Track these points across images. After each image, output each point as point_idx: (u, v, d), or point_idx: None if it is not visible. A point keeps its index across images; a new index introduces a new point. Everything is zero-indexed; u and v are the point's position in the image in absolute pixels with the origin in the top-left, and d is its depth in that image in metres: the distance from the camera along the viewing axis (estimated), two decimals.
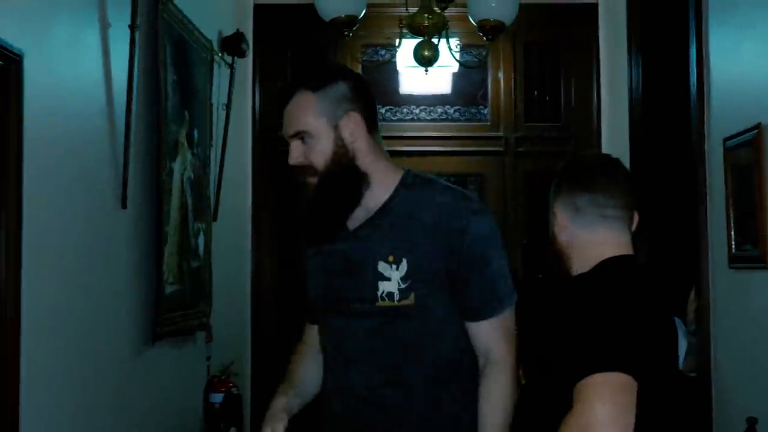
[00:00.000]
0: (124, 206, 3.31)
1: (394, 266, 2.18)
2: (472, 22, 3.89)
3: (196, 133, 4.15)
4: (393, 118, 5.66)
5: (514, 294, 2.29)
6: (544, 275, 5.16)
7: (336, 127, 2.24)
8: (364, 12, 3.78)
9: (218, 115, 4.68)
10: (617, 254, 2.06)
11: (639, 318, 1.94)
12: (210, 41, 4.41)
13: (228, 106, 4.77)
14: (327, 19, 3.73)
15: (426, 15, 3.84)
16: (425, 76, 4.55)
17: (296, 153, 2.26)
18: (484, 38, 3.90)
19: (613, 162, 2.18)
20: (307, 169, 2.25)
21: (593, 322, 1.91)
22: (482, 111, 5.67)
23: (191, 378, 4.24)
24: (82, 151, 3.01)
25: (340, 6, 3.67)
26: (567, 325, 1.97)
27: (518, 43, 5.58)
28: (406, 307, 2.18)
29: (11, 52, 2.40)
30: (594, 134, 5.53)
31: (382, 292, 2.19)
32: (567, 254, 2.11)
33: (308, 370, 2.47)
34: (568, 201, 2.08)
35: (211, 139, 4.51)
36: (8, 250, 2.39)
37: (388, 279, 2.18)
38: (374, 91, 5.53)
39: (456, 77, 5.50)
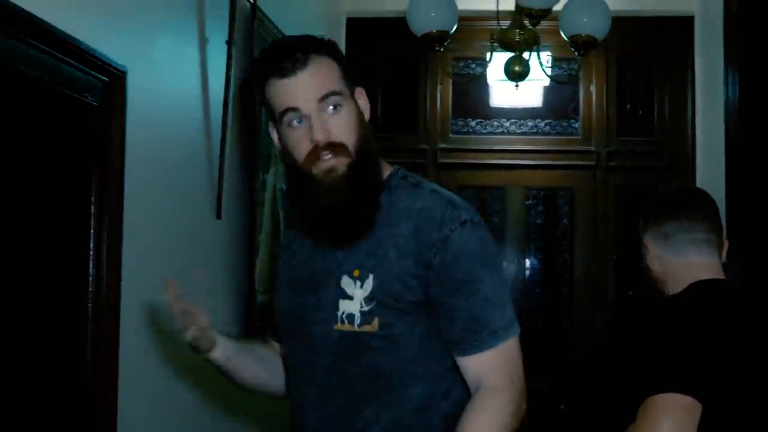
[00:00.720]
0: (218, 216, 3.40)
1: (358, 283, 1.79)
2: (564, 37, 3.87)
3: None
4: (483, 131, 5.67)
5: (515, 325, 1.87)
6: (635, 292, 5.09)
7: (356, 102, 1.91)
8: (455, 27, 3.80)
9: None
10: (709, 277, 2.09)
11: (713, 340, 1.96)
12: None
13: None
14: (418, 34, 3.76)
15: (517, 30, 3.84)
16: (513, 90, 4.55)
17: (327, 126, 1.78)
18: (576, 53, 3.87)
19: (697, 192, 2.29)
20: (338, 149, 1.78)
21: (665, 341, 1.95)
22: (573, 125, 5.63)
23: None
24: (180, 163, 3.10)
25: (432, 21, 3.70)
26: (642, 342, 2.01)
27: (611, 56, 5.52)
28: (367, 334, 1.77)
29: (115, 68, 2.49)
30: (688, 149, 5.44)
31: (342, 313, 1.79)
32: (662, 280, 2.17)
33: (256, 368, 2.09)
34: (658, 231, 2.14)
35: None
36: (109, 258, 2.48)
37: (350, 298, 1.79)
38: (465, 104, 5.64)
39: (547, 90, 5.48)
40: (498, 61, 4.40)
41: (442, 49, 3.81)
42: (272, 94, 1.83)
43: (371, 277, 1.77)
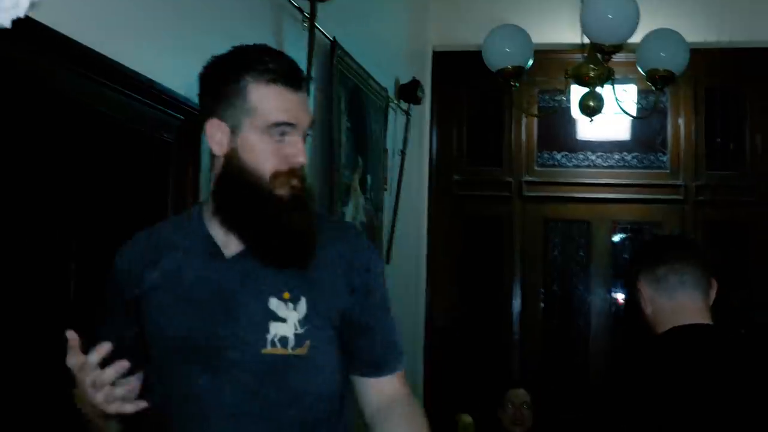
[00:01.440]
0: None
1: (290, 305, 1.73)
2: (641, 71, 3.85)
3: (369, 178, 4.30)
4: (569, 164, 5.64)
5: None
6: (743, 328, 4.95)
7: None
8: (531, 62, 3.82)
9: (394, 161, 4.83)
10: (692, 322, 2.18)
11: (670, 387, 2.07)
12: (385, 89, 4.56)
13: (403, 152, 4.92)
14: (494, 70, 3.79)
15: (590, 66, 3.84)
16: (600, 122, 4.53)
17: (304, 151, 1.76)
18: (653, 88, 3.85)
19: (685, 237, 2.65)
20: (302, 174, 1.77)
21: (629, 386, 2.14)
22: (661, 158, 5.55)
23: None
24: None
25: (507, 58, 3.73)
26: (613, 386, 2.27)
27: (699, 87, 5.44)
28: (297, 357, 1.72)
29: (191, 107, 2.60)
30: None
31: (274, 336, 1.71)
32: (653, 323, 2.26)
33: None
34: (650, 274, 2.26)
35: (385, 183, 4.66)
36: None
37: (283, 320, 1.72)
38: (550, 136, 5.63)
39: (634, 123, 5.43)
40: (578, 94, 4.39)
41: (517, 85, 3.84)
42: (268, 100, 1.71)
43: (303, 299, 1.74)
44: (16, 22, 1.44)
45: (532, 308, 5.57)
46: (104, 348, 1.59)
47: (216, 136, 1.72)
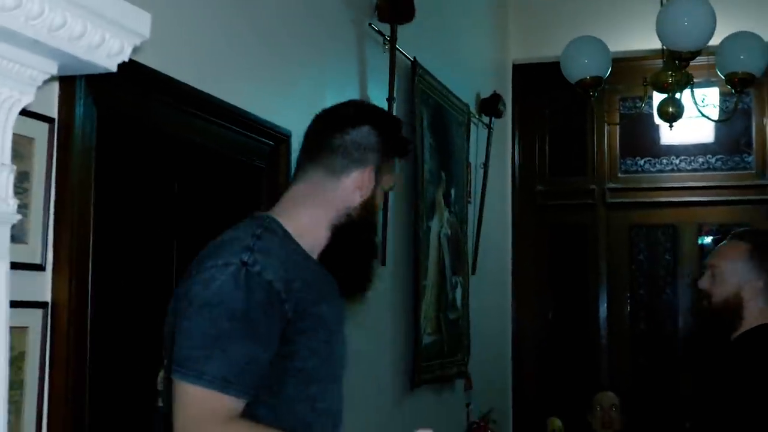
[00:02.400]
0: (383, 263, 3.62)
1: None
2: (720, 75, 3.88)
3: (453, 192, 4.42)
4: (652, 169, 5.66)
5: None
6: None
7: None
8: (609, 71, 3.89)
9: (476, 174, 4.94)
10: None
11: None
12: (466, 104, 4.68)
13: (486, 165, 5.02)
14: (572, 81, 3.87)
15: (669, 72, 3.88)
16: (682, 126, 4.55)
17: None
18: (733, 91, 3.87)
19: None
20: None
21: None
22: (746, 159, 5.53)
23: (451, 423, 4.46)
24: None
25: (585, 69, 3.80)
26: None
27: None
28: None
29: (280, 133, 2.77)
30: None
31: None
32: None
33: None
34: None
35: (469, 196, 4.77)
36: None
37: None
38: (633, 142, 5.65)
39: (718, 125, 5.41)
40: (659, 100, 4.42)
41: (596, 95, 3.91)
42: (392, 169, 1.98)
43: None
44: (121, 66, 1.60)
45: (619, 313, 5.60)
46: None
47: (367, 182, 1.89)
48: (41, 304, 1.83)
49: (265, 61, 2.81)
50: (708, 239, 5.60)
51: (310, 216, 1.85)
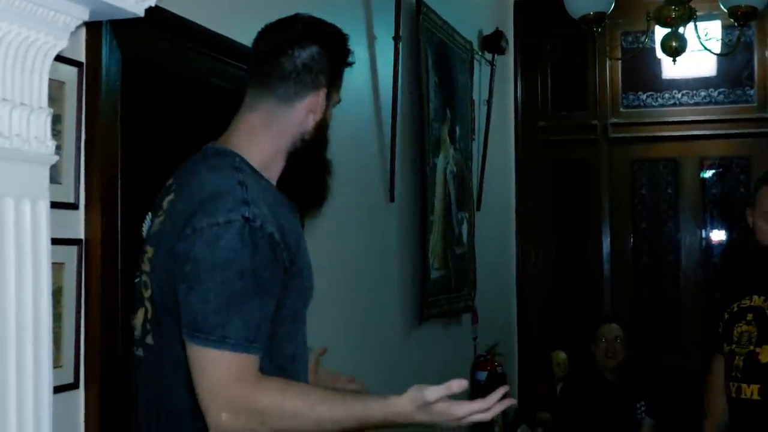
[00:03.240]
0: (392, 199, 3.69)
1: None
2: (723, 8, 3.91)
3: (458, 129, 4.48)
4: (654, 103, 5.70)
5: None
6: None
7: None
8: (612, 7, 3.91)
9: (480, 111, 4.99)
10: None
11: None
12: (470, 42, 4.71)
13: (489, 102, 5.06)
14: (576, 17, 3.89)
15: (672, 7, 3.91)
16: (684, 60, 4.59)
17: None
18: (735, 24, 3.90)
19: None
20: None
21: None
22: (748, 92, 5.56)
23: (458, 356, 4.58)
24: (354, 153, 3.41)
25: (588, 4, 3.83)
26: None
27: None
28: None
29: None
30: None
31: None
32: None
33: None
34: None
35: (473, 133, 4.83)
36: None
37: None
38: (635, 77, 5.68)
39: (720, 59, 5.44)
40: (662, 34, 4.45)
41: (599, 30, 3.93)
42: (340, 79, 1.93)
43: None
44: (146, 10, 1.65)
45: (622, 247, 5.69)
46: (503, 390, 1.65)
47: (318, 101, 1.85)
48: (76, 241, 1.90)
49: (283, 4, 2.85)
50: (709, 173, 5.67)
51: (269, 147, 1.81)
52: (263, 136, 1.81)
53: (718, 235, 5.64)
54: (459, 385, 1.59)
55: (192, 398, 1.64)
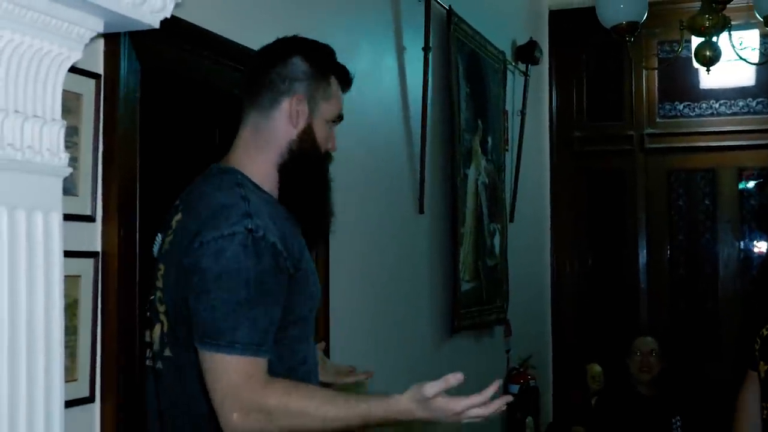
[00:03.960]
0: (421, 211, 3.67)
1: None
2: (758, 17, 3.84)
3: (490, 139, 4.45)
4: (691, 113, 5.62)
5: None
6: None
7: None
8: (645, 16, 3.86)
9: (513, 121, 4.95)
10: None
11: None
12: (502, 52, 4.68)
13: (523, 112, 5.03)
14: (608, 26, 3.84)
15: (706, 15, 3.84)
16: (722, 70, 4.52)
17: None
18: None
19: None
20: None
21: None
22: None
23: (491, 369, 4.52)
24: (383, 163, 3.40)
25: (621, 14, 3.77)
26: None
27: None
28: None
29: None
30: None
31: None
32: None
33: None
34: None
35: (506, 144, 4.79)
36: (318, 254, 2.80)
37: None
38: (672, 87, 5.60)
39: (758, 68, 5.34)
40: (697, 44, 4.38)
41: (632, 40, 3.88)
42: (337, 97, 1.93)
43: None
44: (163, 22, 1.64)
45: (658, 258, 5.60)
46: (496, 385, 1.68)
47: (297, 108, 1.86)
48: (92, 254, 1.90)
49: (300, 13, 2.84)
50: (748, 184, 5.57)
51: (262, 161, 1.85)
52: (254, 150, 1.86)
53: (756, 246, 5.54)
54: (456, 378, 1.63)
55: (208, 402, 1.70)
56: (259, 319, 1.69)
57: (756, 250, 5.54)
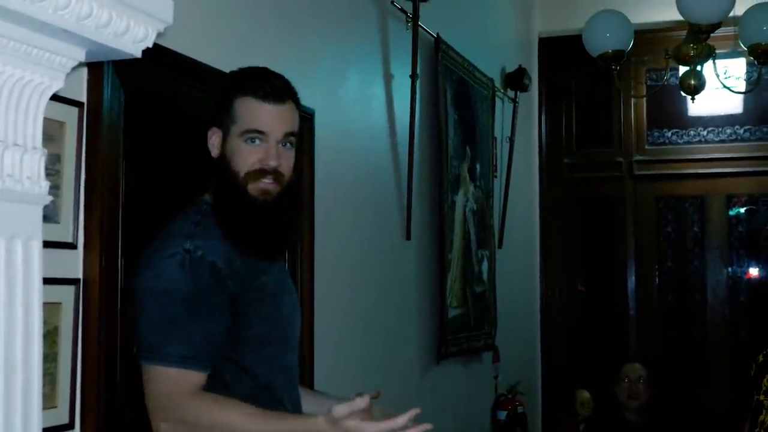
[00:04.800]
0: (408, 238, 3.68)
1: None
2: (742, 46, 3.87)
3: (478, 166, 4.46)
4: (679, 140, 5.65)
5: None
6: None
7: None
8: (630, 45, 3.89)
9: (502, 148, 4.97)
10: None
11: None
12: (491, 79, 4.71)
13: (512, 139, 5.05)
14: (594, 55, 3.88)
15: (690, 45, 3.88)
16: (710, 97, 4.57)
17: (280, 156, 1.93)
18: (756, 62, 3.87)
19: None
20: (279, 177, 1.93)
21: None
22: None
23: (479, 395, 4.53)
24: (369, 190, 3.41)
25: (607, 42, 3.81)
26: None
27: None
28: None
29: (304, 112, 2.81)
30: None
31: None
32: None
33: None
34: None
35: (495, 170, 4.81)
36: (303, 280, 2.81)
37: None
38: (660, 114, 5.64)
39: (746, 96, 5.38)
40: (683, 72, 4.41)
41: (618, 68, 3.92)
42: (244, 111, 1.91)
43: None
44: (146, 50, 1.65)
45: (647, 285, 5.62)
46: (414, 412, 1.75)
47: (213, 140, 1.95)
48: (73, 281, 1.90)
49: (288, 41, 2.86)
50: (736, 211, 5.60)
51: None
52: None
53: (745, 273, 5.55)
54: (363, 402, 1.74)
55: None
56: (193, 334, 1.79)
57: (744, 276, 5.56)
